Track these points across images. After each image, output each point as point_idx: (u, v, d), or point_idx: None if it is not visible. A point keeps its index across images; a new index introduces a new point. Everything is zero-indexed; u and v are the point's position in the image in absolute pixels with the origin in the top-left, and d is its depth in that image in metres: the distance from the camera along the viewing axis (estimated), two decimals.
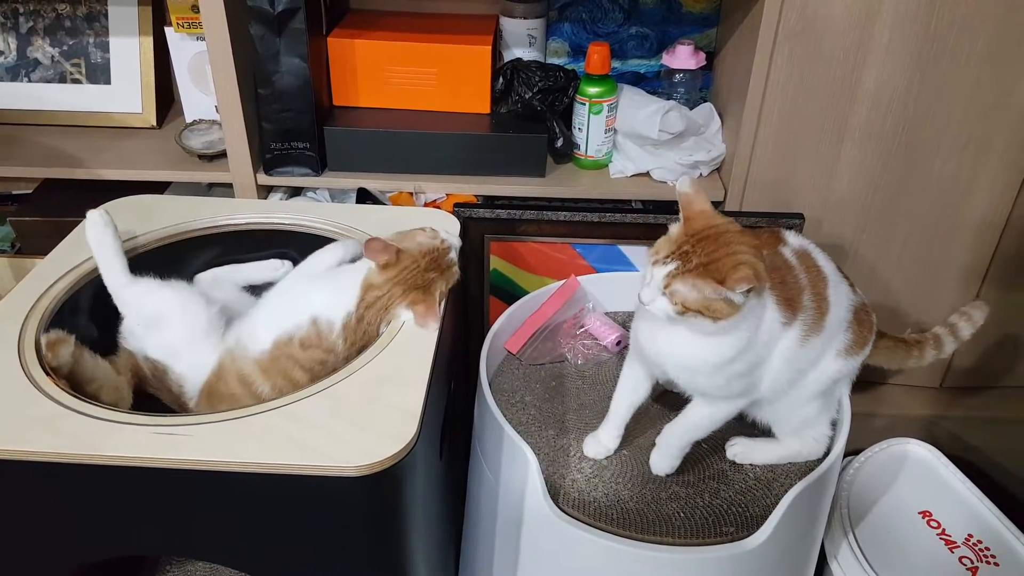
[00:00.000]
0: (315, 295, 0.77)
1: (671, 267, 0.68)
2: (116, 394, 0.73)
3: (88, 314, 0.79)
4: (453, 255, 0.81)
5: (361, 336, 0.76)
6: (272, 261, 0.89)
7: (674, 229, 0.71)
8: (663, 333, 0.74)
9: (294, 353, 0.74)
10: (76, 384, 0.70)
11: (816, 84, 1.01)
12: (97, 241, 0.77)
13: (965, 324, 0.90)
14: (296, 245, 0.91)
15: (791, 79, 1.00)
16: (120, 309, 0.77)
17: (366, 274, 0.77)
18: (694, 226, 0.70)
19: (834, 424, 0.85)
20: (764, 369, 0.75)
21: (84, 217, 0.89)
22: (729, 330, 0.70)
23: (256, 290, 0.86)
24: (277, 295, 0.80)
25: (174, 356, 0.76)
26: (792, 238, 0.80)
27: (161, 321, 0.76)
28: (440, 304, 0.77)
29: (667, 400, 0.89)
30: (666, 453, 0.82)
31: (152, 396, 0.78)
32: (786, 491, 0.78)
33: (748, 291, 0.66)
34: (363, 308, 0.76)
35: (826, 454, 0.84)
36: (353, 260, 0.82)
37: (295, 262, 0.89)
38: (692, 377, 0.76)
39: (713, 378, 0.74)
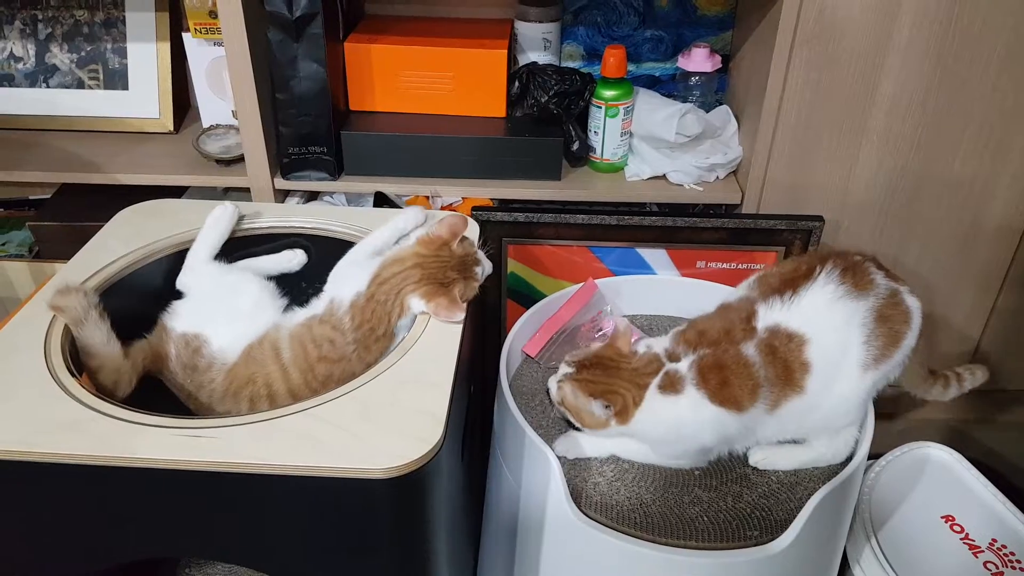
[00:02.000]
0: (340, 276, 0.79)
1: (571, 369, 0.82)
2: (116, 376, 0.74)
3: (112, 317, 0.79)
4: (480, 270, 0.80)
5: (370, 318, 0.75)
6: (285, 253, 0.90)
7: (595, 346, 0.84)
8: None
9: (312, 325, 0.77)
10: (81, 354, 0.73)
11: (834, 87, 1.00)
12: (214, 222, 0.85)
13: (969, 377, 0.93)
14: (315, 249, 0.91)
15: (809, 82, 1.00)
16: (189, 285, 0.82)
17: (392, 251, 0.78)
18: (603, 353, 0.82)
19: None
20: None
21: (102, 222, 0.90)
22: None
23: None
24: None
25: (219, 330, 0.78)
26: (762, 317, 0.79)
27: (232, 294, 0.81)
28: (462, 301, 0.76)
29: None
30: (584, 445, 0.84)
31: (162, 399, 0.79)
32: (810, 495, 0.77)
33: (610, 411, 0.78)
34: (376, 284, 0.76)
35: (849, 457, 0.84)
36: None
37: (308, 253, 0.90)
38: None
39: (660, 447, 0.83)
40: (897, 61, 0.98)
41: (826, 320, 0.78)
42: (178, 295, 0.83)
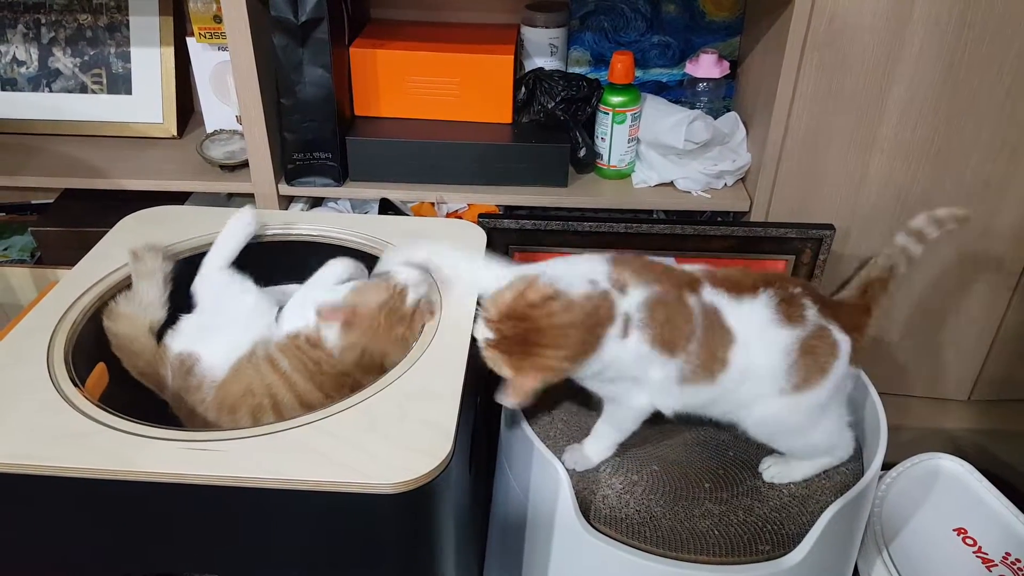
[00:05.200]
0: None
1: (489, 335, 0.71)
2: (141, 344, 0.76)
3: None
4: (412, 295, 0.76)
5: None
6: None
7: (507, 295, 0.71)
8: None
9: (301, 346, 0.77)
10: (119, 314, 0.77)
11: (845, 93, 0.99)
12: (231, 232, 0.84)
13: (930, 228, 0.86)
14: (320, 256, 0.89)
15: (819, 88, 0.99)
16: (198, 291, 0.81)
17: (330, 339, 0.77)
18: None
19: (858, 423, 0.84)
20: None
21: (105, 227, 0.89)
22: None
23: None
24: (300, 293, 0.83)
25: (210, 345, 0.77)
26: (707, 292, 0.76)
27: (228, 305, 0.80)
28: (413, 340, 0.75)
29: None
30: (603, 445, 0.83)
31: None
32: (822, 508, 0.76)
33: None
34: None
35: (862, 468, 0.83)
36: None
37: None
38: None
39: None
40: (908, 68, 0.97)
41: (754, 336, 0.75)
42: (181, 306, 0.81)
